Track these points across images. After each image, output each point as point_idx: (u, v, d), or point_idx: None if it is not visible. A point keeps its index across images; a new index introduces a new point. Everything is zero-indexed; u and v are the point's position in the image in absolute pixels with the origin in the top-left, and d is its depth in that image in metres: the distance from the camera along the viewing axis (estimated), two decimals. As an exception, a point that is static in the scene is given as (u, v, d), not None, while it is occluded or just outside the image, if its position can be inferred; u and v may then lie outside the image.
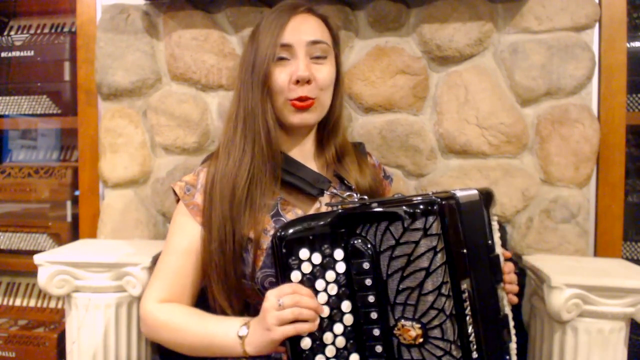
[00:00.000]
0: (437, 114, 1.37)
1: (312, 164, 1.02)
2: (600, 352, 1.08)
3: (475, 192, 0.82)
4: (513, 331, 0.86)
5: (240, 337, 0.82)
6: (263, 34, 0.94)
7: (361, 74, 1.37)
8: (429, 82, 1.37)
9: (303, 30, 0.94)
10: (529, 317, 1.27)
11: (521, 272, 1.28)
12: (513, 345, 0.86)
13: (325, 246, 0.78)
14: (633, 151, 1.57)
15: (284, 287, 0.77)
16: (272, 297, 0.78)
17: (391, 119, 1.38)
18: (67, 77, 1.66)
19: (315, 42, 0.94)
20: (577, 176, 1.32)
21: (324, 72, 0.95)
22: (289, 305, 0.75)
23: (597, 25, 1.33)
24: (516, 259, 1.30)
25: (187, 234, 0.95)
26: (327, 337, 0.78)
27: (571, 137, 1.31)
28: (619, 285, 1.06)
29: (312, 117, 0.95)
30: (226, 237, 0.89)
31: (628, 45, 1.36)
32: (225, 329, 0.85)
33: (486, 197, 0.85)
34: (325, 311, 0.78)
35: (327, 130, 1.03)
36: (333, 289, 0.78)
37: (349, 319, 0.78)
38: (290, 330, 0.76)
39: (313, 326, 0.76)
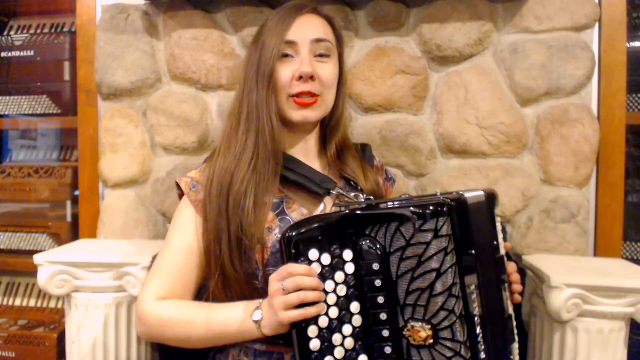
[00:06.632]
0: (437, 114, 1.37)
1: (316, 163, 1.03)
2: (600, 352, 1.08)
3: (482, 192, 0.82)
4: (515, 331, 0.86)
5: (256, 322, 0.83)
6: (268, 33, 0.95)
7: (361, 74, 1.37)
8: (429, 82, 1.37)
9: (308, 28, 0.95)
10: (529, 317, 1.27)
11: (521, 272, 1.27)
12: (515, 346, 0.86)
13: (335, 247, 0.77)
14: (633, 151, 1.57)
15: (282, 270, 0.78)
16: (274, 281, 0.79)
17: (391, 119, 1.38)
18: (67, 77, 1.66)
19: (319, 40, 0.95)
20: (577, 176, 1.32)
21: (328, 71, 0.96)
22: (293, 289, 0.76)
23: (597, 25, 1.33)
24: (516, 259, 1.30)
25: (190, 230, 0.93)
26: (336, 338, 0.77)
27: (571, 137, 1.31)
28: (619, 285, 1.06)
29: (314, 114, 0.96)
30: (223, 229, 0.89)
31: (628, 45, 1.36)
32: (236, 315, 0.85)
33: (491, 198, 0.85)
34: (334, 312, 0.77)
35: (329, 129, 1.04)
36: (342, 290, 0.77)
37: (358, 320, 0.77)
38: (296, 315, 0.76)
39: (320, 309, 0.76)
